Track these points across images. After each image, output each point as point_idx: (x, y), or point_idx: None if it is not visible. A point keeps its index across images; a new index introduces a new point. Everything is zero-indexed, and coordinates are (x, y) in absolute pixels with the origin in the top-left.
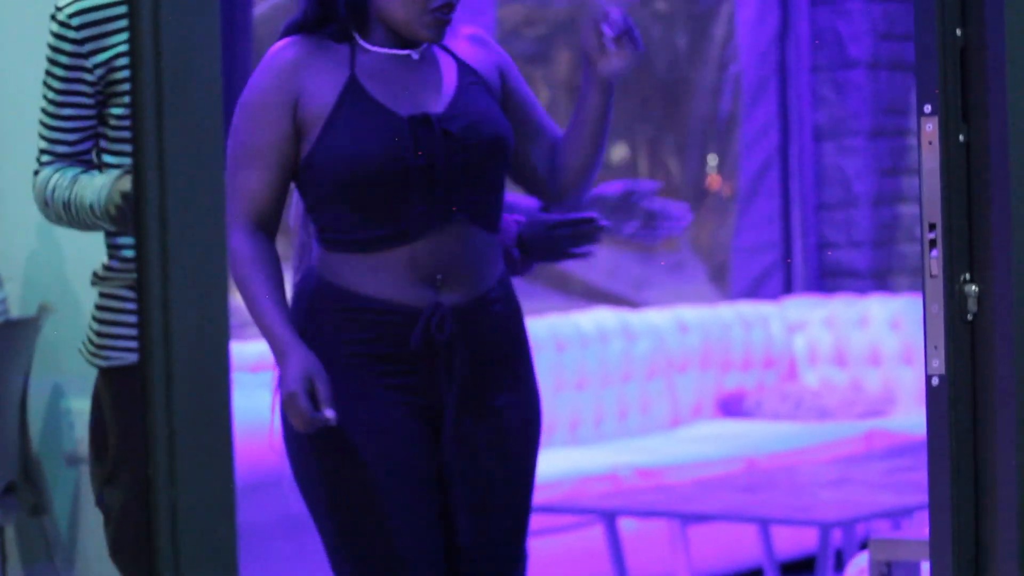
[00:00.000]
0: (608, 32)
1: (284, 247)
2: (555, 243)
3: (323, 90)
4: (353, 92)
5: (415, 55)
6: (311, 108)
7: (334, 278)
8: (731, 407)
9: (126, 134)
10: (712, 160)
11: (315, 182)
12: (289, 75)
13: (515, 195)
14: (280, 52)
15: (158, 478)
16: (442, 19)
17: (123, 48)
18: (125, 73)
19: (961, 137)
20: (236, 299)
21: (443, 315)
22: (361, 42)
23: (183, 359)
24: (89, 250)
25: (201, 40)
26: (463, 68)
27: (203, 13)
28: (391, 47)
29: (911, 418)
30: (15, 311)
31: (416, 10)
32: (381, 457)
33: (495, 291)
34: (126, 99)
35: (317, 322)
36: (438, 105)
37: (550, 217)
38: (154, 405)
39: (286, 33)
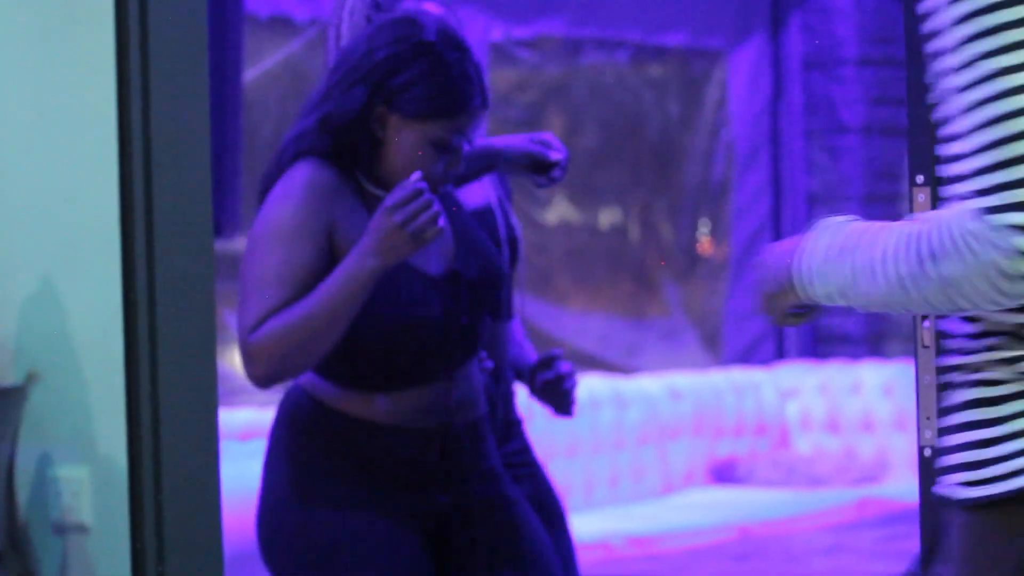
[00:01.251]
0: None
1: None
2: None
3: (354, 219)
4: None
5: None
6: (345, 240)
7: (337, 405)
8: (723, 474)
9: None
10: (704, 226)
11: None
12: (327, 198)
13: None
14: (316, 176)
15: (146, 549)
16: (439, 184)
17: None
18: None
19: None
20: (223, 366)
21: (457, 432)
22: (365, 183)
23: (171, 429)
24: (80, 318)
25: (191, 127)
26: (448, 201)
27: (193, 91)
28: (383, 187)
29: (904, 485)
30: (5, 379)
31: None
32: (382, 567)
33: (485, 410)
34: None
35: (316, 441)
36: (446, 254)
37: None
38: (143, 478)
39: (292, 151)
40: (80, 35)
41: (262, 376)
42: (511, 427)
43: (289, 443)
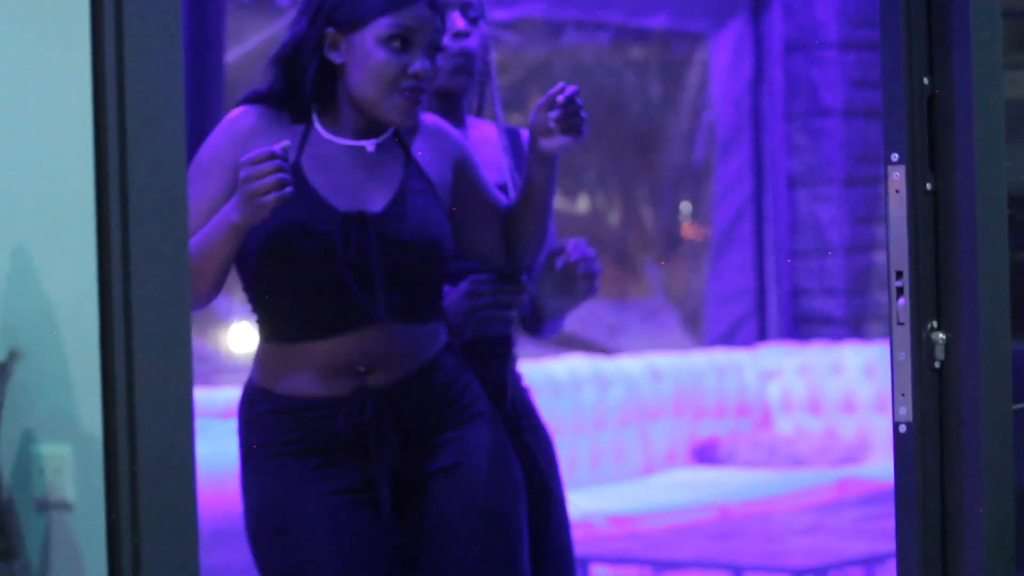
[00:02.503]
0: (553, 113)
1: None
2: (564, 289)
3: None
4: (294, 178)
5: (370, 147)
6: None
7: (263, 380)
8: (704, 455)
9: None
10: (685, 208)
11: (245, 259)
12: (240, 142)
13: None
14: (237, 118)
15: (121, 523)
16: (412, 100)
17: None
18: None
19: (928, 185)
20: (206, 346)
21: (364, 398)
22: (318, 127)
23: (146, 405)
24: (58, 295)
25: (165, 109)
26: (413, 168)
27: (168, 66)
28: (351, 134)
29: (885, 466)
30: None
31: (386, 89)
32: (328, 549)
33: (433, 364)
34: None
35: (254, 426)
36: (378, 204)
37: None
38: (118, 455)
39: (248, 101)
40: (54, 11)
41: None
42: (518, 395)
43: (239, 431)
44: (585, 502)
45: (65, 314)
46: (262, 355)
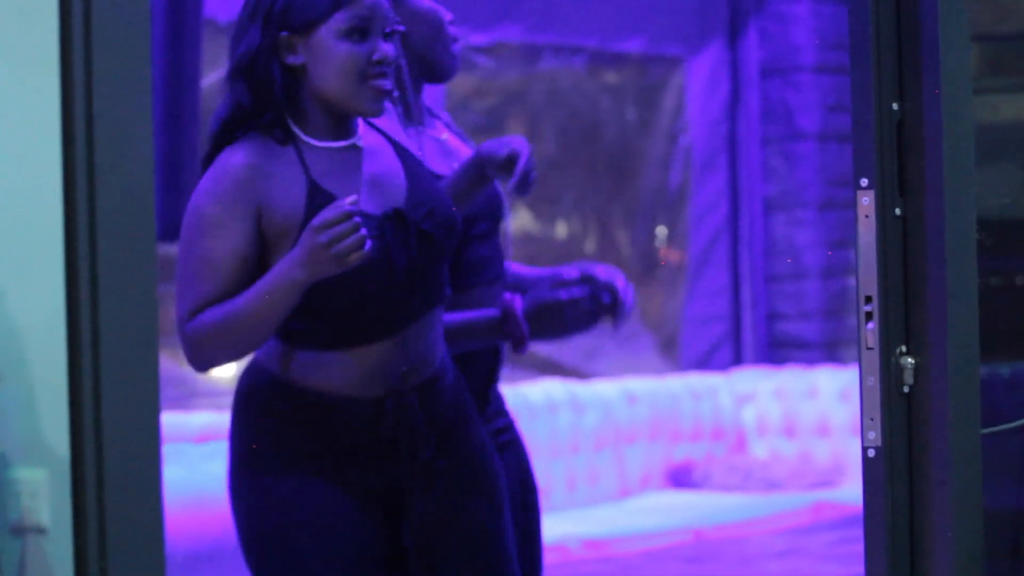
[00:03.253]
0: (515, 167)
1: None
2: (561, 319)
3: (286, 199)
4: (316, 195)
5: (359, 142)
6: (277, 220)
7: (289, 375)
8: (680, 478)
9: None
10: (661, 232)
11: None
12: (246, 185)
13: (518, 266)
14: (230, 162)
15: (88, 548)
16: (381, 88)
17: None
18: None
19: (897, 210)
20: (181, 370)
21: (408, 400)
22: (304, 137)
23: (114, 431)
24: (29, 320)
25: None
26: (400, 150)
27: (137, 92)
28: (331, 136)
29: (859, 489)
30: None
31: (353, 82)
32: (336, 545)
33: (443, 362)
34: None
35: (271, 417)
36: (398, 196)
37: (556, 293)
38: (86, 480)
39: (222, 131)
40: (23, 39)
41: (197, 364)
42: (498, 399)
43: (245, 420)
44: (560, 526)
45: (34, 339)
46: (296, 358)
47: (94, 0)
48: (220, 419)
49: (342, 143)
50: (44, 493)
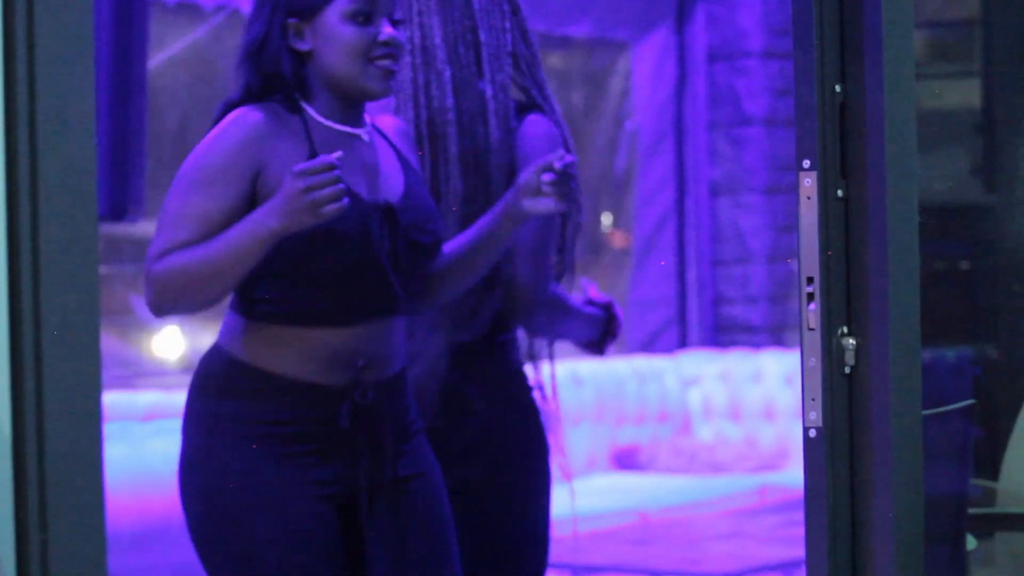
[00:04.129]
0: (547, 176)
1: None
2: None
3: (286, 165)
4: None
5: (365, 136)
6: (272, 183)
7: (248, 356)
8: (625, 461)
9: None
10: (607, 218)
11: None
12: (254, 143)
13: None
14: (244, 117)
15: (28, 521)
16: (388, 69)
17: None
18: None
19: (839, 192)
20: (128, 350)
21: (365, 390)
22: (312, 113)
23: (55, 406)
24: None
25: (76, 102)
26: (402, 158)
27: (79, 71)
28: (338, 119)
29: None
30: None
31: (360, 62)
32: (287, 536)
33: (404, 370)
34: None
35: (227, 401)
36: (393, 194)
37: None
38: (26, 455)
39: (229, 109)
40: None
41: (154, 305)
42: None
43: (201, 404)
44: None
45: None
46: (256, 335)
47: None
48: (166, 399)
49: (348, 128)
50: None
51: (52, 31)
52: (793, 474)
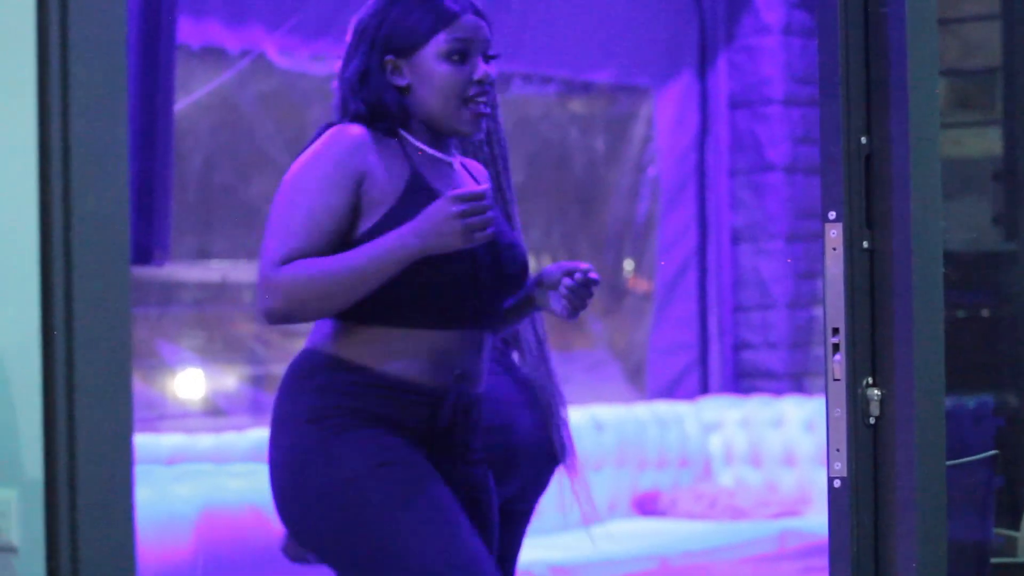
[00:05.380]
0: (568, 280)
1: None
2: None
3: (388, 174)
4: (418, 185)
5: (455, 164)
6: (374, 191)
7: (351, 353)
8: (646, 506)
9: None
10: (628, 264)
11: None
12: (358, 152)
13: None
14: (346, 129)
15: (61, 569)
16: (480, 112)
17: None
18: None
19: (865, 243)
20: (151, 392)
21: (466, 400)
22: (408, 136)
23: (87, 452)
24: (8, 341)
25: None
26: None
27: (112, 114)
28: (432, 145)
29: (825, 519)
30: None
31: (455, 103)
32: (433, 517)
33: (482, 393)
34: None
35: (330, 396)
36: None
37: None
38: (59, 501)
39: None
40: (0, 58)
41: (276, 312)
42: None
43: (305, 405)
44: (527, 552)
45: (9, 360)
46: (360, 335)
47: (71, 25)
48: (190, 442)
49: (441, 155)
50: (14, 512)
51: (86, 76)
52: (813, 520)
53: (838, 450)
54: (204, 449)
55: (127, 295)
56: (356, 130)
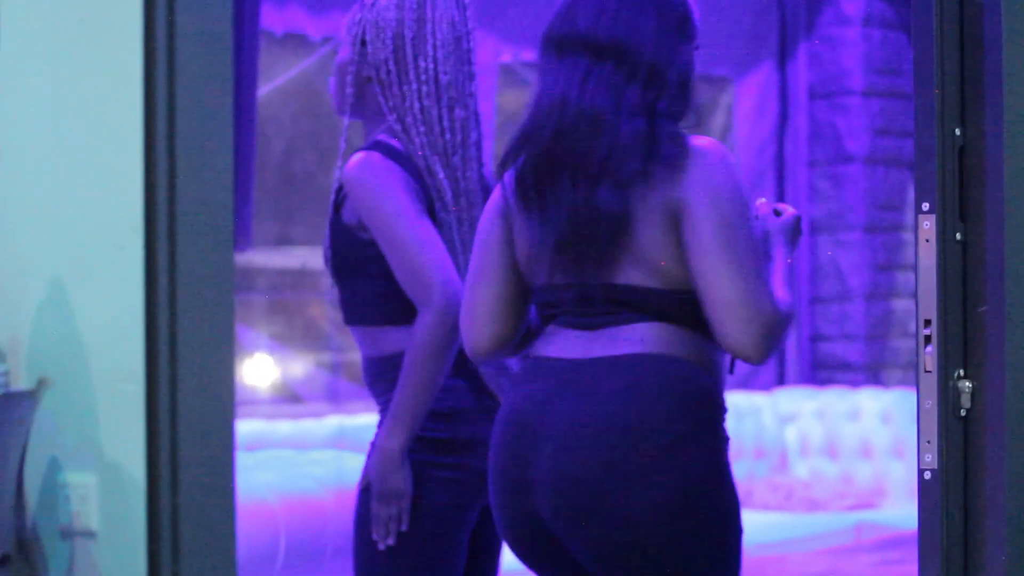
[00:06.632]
0: None
1: None
2: None
3: None
4: None
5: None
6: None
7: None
8: None
9: None
10: None
11: None
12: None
13: None
14: None
15: (161, 553)
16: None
17: None
18: None
19: (958, 235)
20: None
21: None
22: None
23: (189, 437)
24: (97, 325)
25: (215, 135)
26: None
27: (218, 102)
28: None
29: (901, 511)
30: (21, 383)
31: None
32: None
33: None
34: None
35: (708, 416)
36: None
37: None
38: (160, 486)
39: None
40: (107, 44)
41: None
42: None
43: (702, 424)
44: None
45: (103, 344)
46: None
47: (178, 14)
48: (268, 428)
49: None
50: (94, 497)
51: (192, 65)
52: (889, 512)
53: (929, 442)
54: (283, 436)
55: (231, 281)
56: None
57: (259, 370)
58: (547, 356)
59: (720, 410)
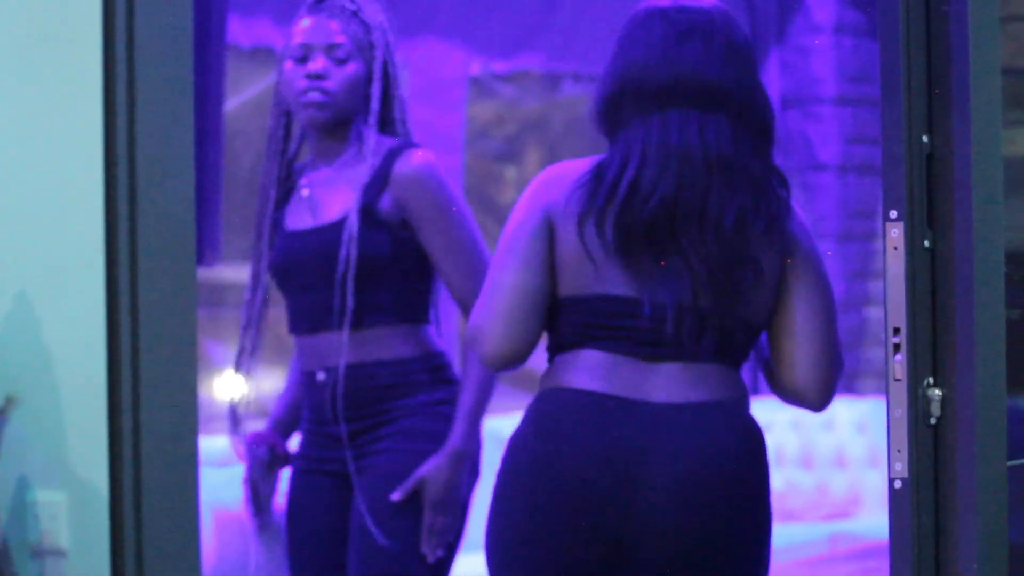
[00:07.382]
0: None
1: None
2: None
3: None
4: None
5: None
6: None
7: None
8: None
9: None
10: None
11: None
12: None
13: None
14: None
15: (125, 571)
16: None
17: None
18: None
19: (926, 243)
20: (201, 393)
21: None
22: None
23: (152, 454)
24: (62, 342)
25: (175, 147)
26: None
27: (178, 116)
28: None
29: (876, 521)
30: None
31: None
32: None
33: None
34: None
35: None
36: None
37: None
38: (123, 503)
39: None
40: (65, 54)
41: None
42: None
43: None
44: None
45: (68, 361)
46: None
47: (137, 23)
48: None
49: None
50: (64, 516)
51: (151, 78)
52: (865, 522)
53: (899, 451)
54: None
55: (193, 296)
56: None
57: (229, 385)
58: (610, 394)
59: None
